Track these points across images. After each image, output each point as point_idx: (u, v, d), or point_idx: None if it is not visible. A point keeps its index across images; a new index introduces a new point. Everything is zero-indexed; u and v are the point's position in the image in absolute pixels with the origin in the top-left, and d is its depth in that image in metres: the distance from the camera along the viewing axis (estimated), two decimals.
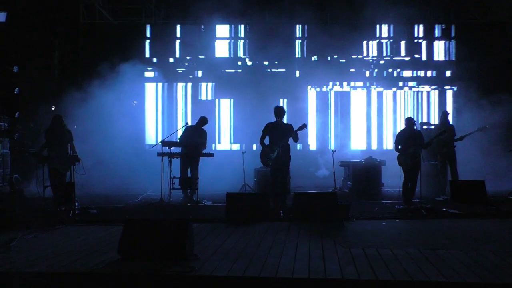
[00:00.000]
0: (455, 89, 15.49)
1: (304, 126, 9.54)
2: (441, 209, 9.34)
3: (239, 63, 15.60)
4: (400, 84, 15.75)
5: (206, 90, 15.66)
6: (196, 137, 10.91)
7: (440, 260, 5.77)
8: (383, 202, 10.39)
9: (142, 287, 5.23)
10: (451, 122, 12.06)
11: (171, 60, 15.56)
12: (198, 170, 10.87)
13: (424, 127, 12.29)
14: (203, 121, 11.20)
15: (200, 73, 15.62)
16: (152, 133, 15.50)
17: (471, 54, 14.57)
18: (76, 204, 9.19)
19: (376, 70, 15.66)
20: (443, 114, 11.94)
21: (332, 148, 13.46)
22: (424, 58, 15.69)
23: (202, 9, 14.07)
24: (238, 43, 15.62)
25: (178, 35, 15.56)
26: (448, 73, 15.58)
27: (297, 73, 15.64)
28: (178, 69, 15.62)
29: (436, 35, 15.74)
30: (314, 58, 15.54)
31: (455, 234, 7.38)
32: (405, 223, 8.38)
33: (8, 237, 7.00)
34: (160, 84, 15.61)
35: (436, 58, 15.69)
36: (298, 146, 14.41)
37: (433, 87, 15.70)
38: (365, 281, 5.07)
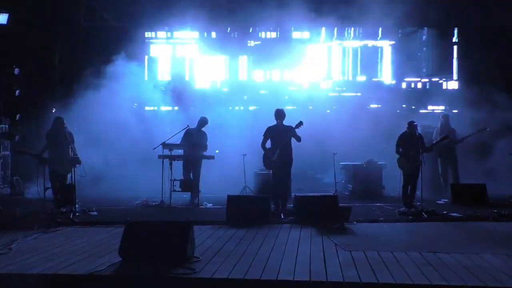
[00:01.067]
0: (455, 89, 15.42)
1: (300, 124, 9.58)
2: (442, 212, 9.33)
3: None
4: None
5: None
6: (197, 140, 10.88)
7: (441, 263, 5.76)
8: (384, 205, 10.38)
9: None
10: (451, 125, 12.01)
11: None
12: (199, 172, 10.86)
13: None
14: (203, 122, 11.13)
15: None
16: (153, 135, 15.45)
17: (472, 56, 14.53)
18: (76, 206, 9.20)
19: None
20: (444, 117, 11.89)
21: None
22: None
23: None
24: None
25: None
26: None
27: None
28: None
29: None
30: None
31: (456, 237, 7.39)
32: (405, 226, 8.37)
33: (9, 238, 7.00)
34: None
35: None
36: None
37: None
38: (366, 284, 5.06)
